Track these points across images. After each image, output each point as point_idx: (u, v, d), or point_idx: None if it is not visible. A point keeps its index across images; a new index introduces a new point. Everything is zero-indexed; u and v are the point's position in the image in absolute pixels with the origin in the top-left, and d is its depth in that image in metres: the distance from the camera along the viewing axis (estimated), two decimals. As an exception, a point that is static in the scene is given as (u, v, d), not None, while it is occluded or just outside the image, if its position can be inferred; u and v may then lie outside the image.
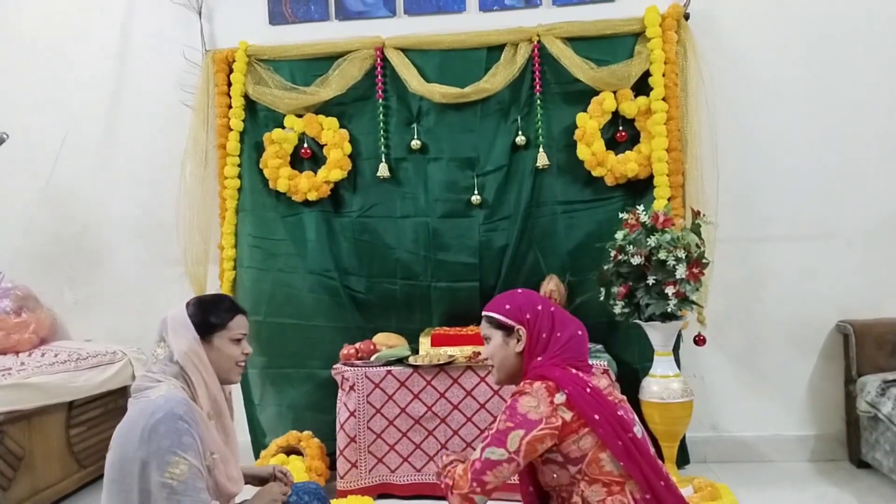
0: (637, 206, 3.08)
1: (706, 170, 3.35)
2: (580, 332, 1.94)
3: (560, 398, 1.78)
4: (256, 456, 3.58)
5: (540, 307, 1.93)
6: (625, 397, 1.94)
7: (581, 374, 1.86)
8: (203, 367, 1.96)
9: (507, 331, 1.94)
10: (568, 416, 1.77)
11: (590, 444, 1.77)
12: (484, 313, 2.01)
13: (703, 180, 3.34)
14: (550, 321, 1.92)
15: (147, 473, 1.79)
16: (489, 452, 1.78)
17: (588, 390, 1.80)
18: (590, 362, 2.00)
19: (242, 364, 2.07)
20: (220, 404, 2.01)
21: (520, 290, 2.03)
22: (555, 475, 1.83)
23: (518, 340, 1.93)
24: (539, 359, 1.89)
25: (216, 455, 1.92)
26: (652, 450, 1.86)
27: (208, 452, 1.89)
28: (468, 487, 1.79)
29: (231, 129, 3.62)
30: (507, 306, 1.95)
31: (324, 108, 3.59)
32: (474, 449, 3.01)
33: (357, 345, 3.32)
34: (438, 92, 3.45)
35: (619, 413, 1.81)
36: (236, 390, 3.61)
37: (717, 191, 3.33)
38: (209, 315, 2.01)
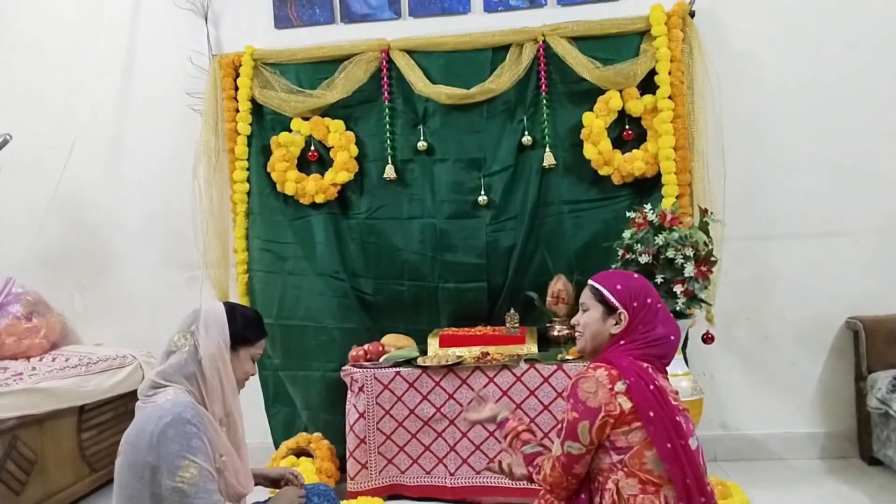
0: (644, 205, 3.08)
1: (713, 168, 3.34)
2: (673, 338, 1.94)
3: (621, 386, 1.79)
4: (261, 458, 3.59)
5: (649, 300, 1.93)
6: (687, 408, 1.93)
7: (650, 368, 1.87)
8: (225, 373, 1.97)
9: (610, 310, 1.94)
10: (627, 405, 1.77)
11: (638, 438, 1.77)
12: (591, 282, 2.00)
13: (710, 178, 3.33)
14: (654, 317, 1.92)
15: (158, 478, 1.80)
16: (569, 447, 1.82)
17: (652, 387, 1.80)
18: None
19: (244, 383, 2.11)
20: (234, 410, 2.02)
21: (636, 275, 2.02)
22: (597, 457, 1.84)
23: (617, 323, 1.92)
24: (622, 343, 1.91)
25: (225, 457, 1.93)
26: (703, 466, 1.85)
27: (217, 454, 1.90)
28: (565, 482, 1.85)
29: (239, 133, 3.63)
30: (619, 286, 1.94)
31: (330, 111, 3.60)
32: (485, 453, 3.04)
33: (366, 346, 3.32)
34: (444, 93, 3.46)
35: (677, 418, 1.80)
36: (257, 393, 3.64)
37: (724, 189, 3.33)
38: (248, 329, 2.04)
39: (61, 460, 3.19)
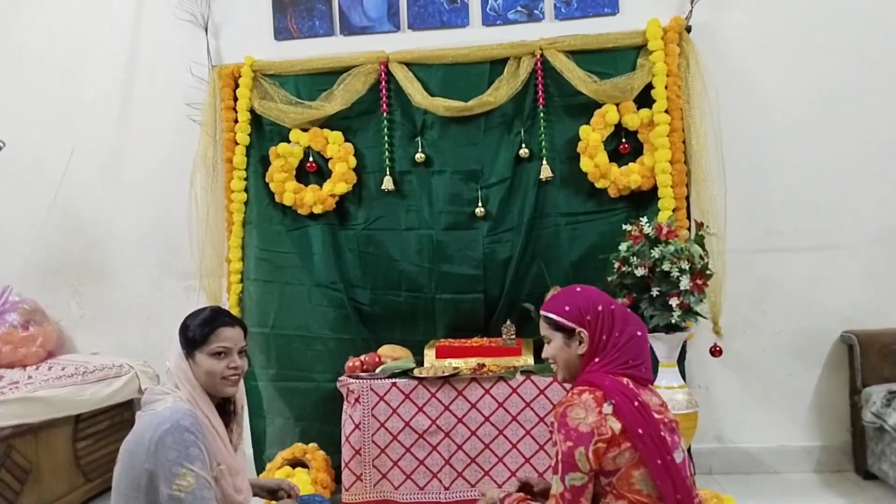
0: (640, 218, 3.09)
1: (712, 182, 3.35)
2: (639, 333, 1.89)
3: (608, 408, 1.74)
4: (259, 468, 3.58)
5: (600, 307, 1.87)
6: (676, 419, 1.89)
7: (632, 384, 1.82)
8: (190, 383, 1.95)
9: (568, 333, 1.89)
10: (617, 427, 1.73)
11: (626, 459, 1.74)
12: (542, 313, 1.95)
13: (710, 192, 3.34)
14: (611, 321, 1.87)
15: (155, 486, 1.81)
16: (571, 480, 1.73)
17: (636, 403, 1.76)
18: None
19: (232, 378, 2.01)
20: (213, 420, 1.99)
21: (578, 288, 1.96)
22: None
23: (580, 343, 1.88)
24: (597, 360, 1.86)
25: (223, 466, 1.94)
26: (689, 479, 1.82)
27: (215, 463, 1.90)
28: None
29: (237, 144, 3.64)
30: (567, 307, 1.89)
31: (329, 122, 3.61)
32: (481, 466, 3.03)
33: (362, 357, 3.32)
34: (442, 105, 3.48)
35: (661, 433, 1.77)
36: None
37: (725, 202, 3.34)
38: (186, 331, 1.99)
39: (56, 469, 3.19)
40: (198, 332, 1.98)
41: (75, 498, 3.31)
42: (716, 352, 3.23)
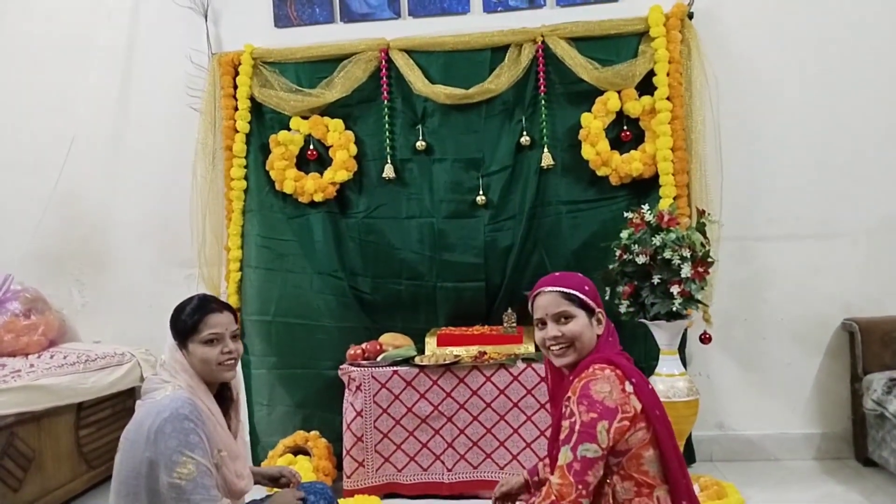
0: (642, 206, 3.09)
1: (711, 169, 3.35)
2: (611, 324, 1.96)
3: (629, 387, 1.75)
4: (255, 457, 3.60)
5: (595, 289, 1.93)
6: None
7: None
8: (186, 373, 1.96)
9: (590, 312, 1.88)
10: (639, 406, 1.73)
11: (638, 439, 1.73)
12: (561, 289, 1.89)
13: (707, 179, 3.35)
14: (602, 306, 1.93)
15: (155, 474, 1.81)
16: (584, 449, 1.66)
17: (650, 386, 1.79)
18: None
19: (228, 363, 2.01)
20: (212, 407, 1.99)
21: (580, 274, 1.98)
22: None
23: (599, 323, 1.89)
24: (610, 339, 1.88)
25: (224, 452, 1.94)
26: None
27: (216, 450, 1.91)
28: (575, 493, 1.64)
29: (237, 131, 3.64)
30: (586, 287, 1.90)
31: (329, 110, 3.60)
32: (483, 449, 3.05)
33: (363, 345, 3.33)
34: (443, 93, 3.47)
35: (667, 416, 1.79)
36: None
37: (721, 190, 3.34)
38: (176, 322, 2.00)
39: (59, 457, 3.20)
40: (188, 321, 1.99)
41: (78, 485, 3.32)
42: (705, 339, 3.22)
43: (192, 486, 1.80)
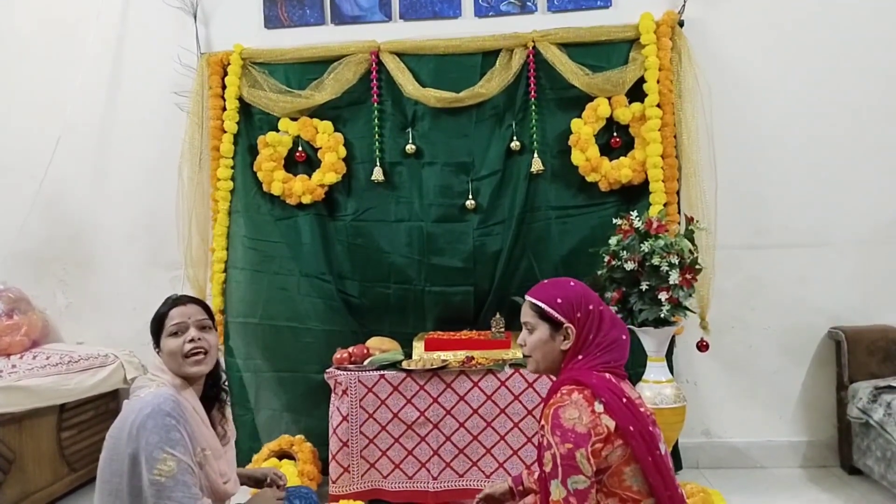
0: (631, 212, 3.09)
1: (704, 177, 3.35)
2: (624, 337, 1.88)
3: (599, 406, 1.72)
4: (239, 461, 3.55)
5: (591, 306, 1.84)
6: (654, 412, 1.88)
7: (613, 378, 1.80)
8: (165, 374, 1.96)
9: (555, 326, 1.85)
10: (611, 424, 1.71)
11: (617, 456, 1.72)
12: (530, 299, 1.89)
13: (701, 187, 3.34)
14: (599, 321, 1.84)
15: (138, 471, 1.79)
16: (573, 482, 1.67)
17: (623, 400, 1.75)
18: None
19: (194, 354, 1.95)
20: (195, 405, 1.98)
21: (572, 283, 1.92)
22: None
23: (565, 339, 1.84)
24: (580, 357, 1.82)
25: (208, 451, 1.92)
26: (672, 470, 1.81)
27: (199, 448, 1.88)
28: None
29: (224, 132, 3.61)
30: (559, 300, 1.84)
31: (319, 112, 3.59)
32: (469, 457, 3.03)
33: (350, 349, 3.31)
34: (433, 96, 3.46)
35: (650, 428, 1.76)
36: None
37: (715, 198, 3.34)
38: (156, 319, 2.02)
39: (40, 459, 3.16)
40: (156, 318, 2.01)
41: (59, 488, 3.28)
42: (702, 346, 3.24)
43: (172, 483, 1.77)
